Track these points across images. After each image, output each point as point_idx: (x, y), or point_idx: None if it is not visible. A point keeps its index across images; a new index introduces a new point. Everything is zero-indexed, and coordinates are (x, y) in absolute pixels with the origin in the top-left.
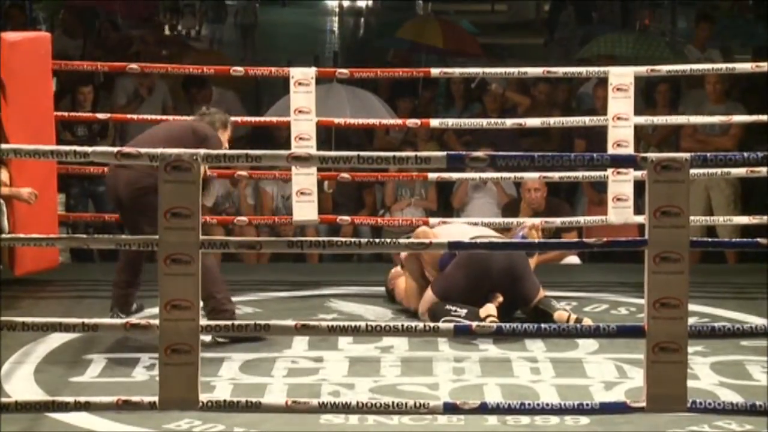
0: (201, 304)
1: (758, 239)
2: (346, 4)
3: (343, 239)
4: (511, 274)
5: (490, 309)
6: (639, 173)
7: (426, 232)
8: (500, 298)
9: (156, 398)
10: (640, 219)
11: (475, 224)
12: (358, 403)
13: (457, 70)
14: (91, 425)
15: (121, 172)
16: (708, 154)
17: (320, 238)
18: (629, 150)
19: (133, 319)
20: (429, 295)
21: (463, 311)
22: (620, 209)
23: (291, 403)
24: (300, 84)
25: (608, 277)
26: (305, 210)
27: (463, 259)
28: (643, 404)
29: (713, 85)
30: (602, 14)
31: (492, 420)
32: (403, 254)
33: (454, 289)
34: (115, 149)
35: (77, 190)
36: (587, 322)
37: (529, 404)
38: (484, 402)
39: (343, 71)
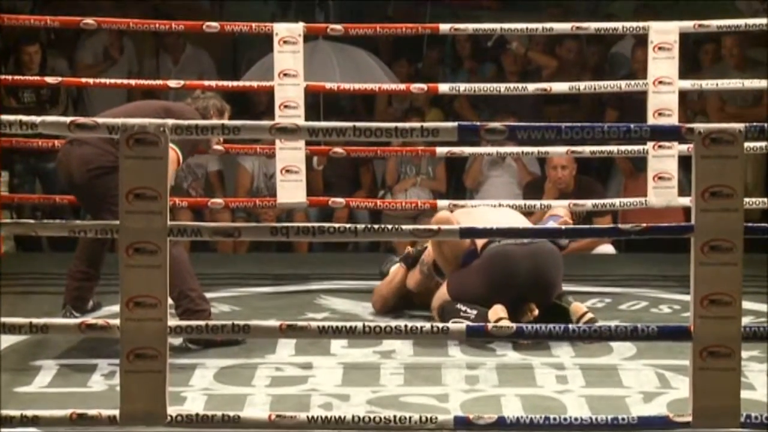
0: (172, 303)
1: None
2: None
3: (336, 225)
4: (539, 280)
5: (499, 311)
6: (684, 147)
7: (449, 218)
8: (536, 312)
9: (116, 412)
10: (686, 201)
11: (499, 206)
12: (353, 417)
13: (470, 26)
14: None
15: (74, 150)
16: (765, 125)
17: (309, 224)
18: (673, 120)
19: (90, 319)
20: (443, 292)
21: (473, 312)
22: (662, 190)
23: (275, 418)
24: (285, 42)
25: (648, 270)
26: (292, 191)
27: (485, 262)
28: (689, 418)
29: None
30: None
31: None
32: (430, 254)
33: (472, 293)
34: (68, 119)
35: (22, 167)
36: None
37: (554, 418)
38: (502, 416)
39: (336, 27)
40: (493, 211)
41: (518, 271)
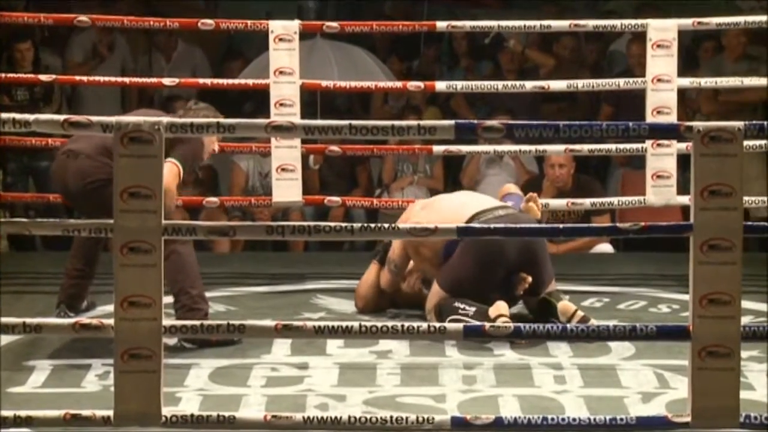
0: (171, 300)
1: None
2: None
3: (333, 224)
4: (528, 255)
5: (501, 308)
6: (683, 145)
7: (407, 221)
8: (529, 279)
9: (111, 412)
10: (685, 200)
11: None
12: (350, 417)
13: (467, 23)
14: None
15: (69, 163)
16: (765, 123)
17: (305, 223)
18: (672, 118)
19: (84, 319)
20: (436, 289)
21: (472, 309)
22: (661, 188)
23: (271, 418)
24: (281, 40)
25: (646, 269)
26: (287, 189)
27: (470, 241)
28: (688, 419)
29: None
30: None
31: None
32: (396, 252)
33: (465, 280)
34: (62, 117)
35: (15, 166)
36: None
37: (552, 419)
38: (500, 416)
39: (332, 24)
40: (459, 196)
41: (504, 246)
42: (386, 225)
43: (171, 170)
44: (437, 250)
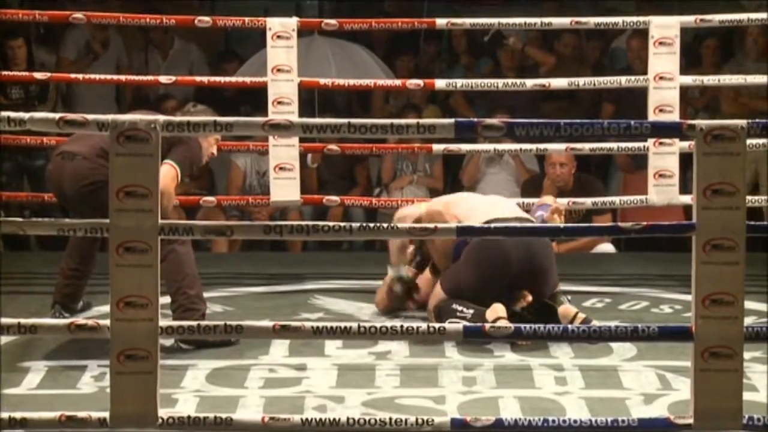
0: (168, 300)
1: None
2: None
3: (331, 224)
4: (532, 267)
5: (498, 310)
6: (686, 144)
7: (440, 213)
8: (529, 298)
9: (106, 414)
10: (687, 199)
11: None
12: (348, 419)
13: (467, 21)
14: None
15: (65, 165)
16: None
17: (303, 223)
18: (674, 116)
19: (79, 319)
20: (437, 291)
21: (470, 311)
22: (663, 187)
23: (268, 420)
24: (279, 37)
25: (648, 269)
26: (285, 189)
27: (475, 249)
28: (690, 420)
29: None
30: None
31: None
32: (394, 245)
33: (466, 288)
34: (57, 115)
35: (10, 165)
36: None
37: (553, 420)
38: (500, 418)
39: (331, 22)
40: (484, 200)
41: (509, 259)
42: (385, 224)
43: (168, 172)
44: (448, 246)
